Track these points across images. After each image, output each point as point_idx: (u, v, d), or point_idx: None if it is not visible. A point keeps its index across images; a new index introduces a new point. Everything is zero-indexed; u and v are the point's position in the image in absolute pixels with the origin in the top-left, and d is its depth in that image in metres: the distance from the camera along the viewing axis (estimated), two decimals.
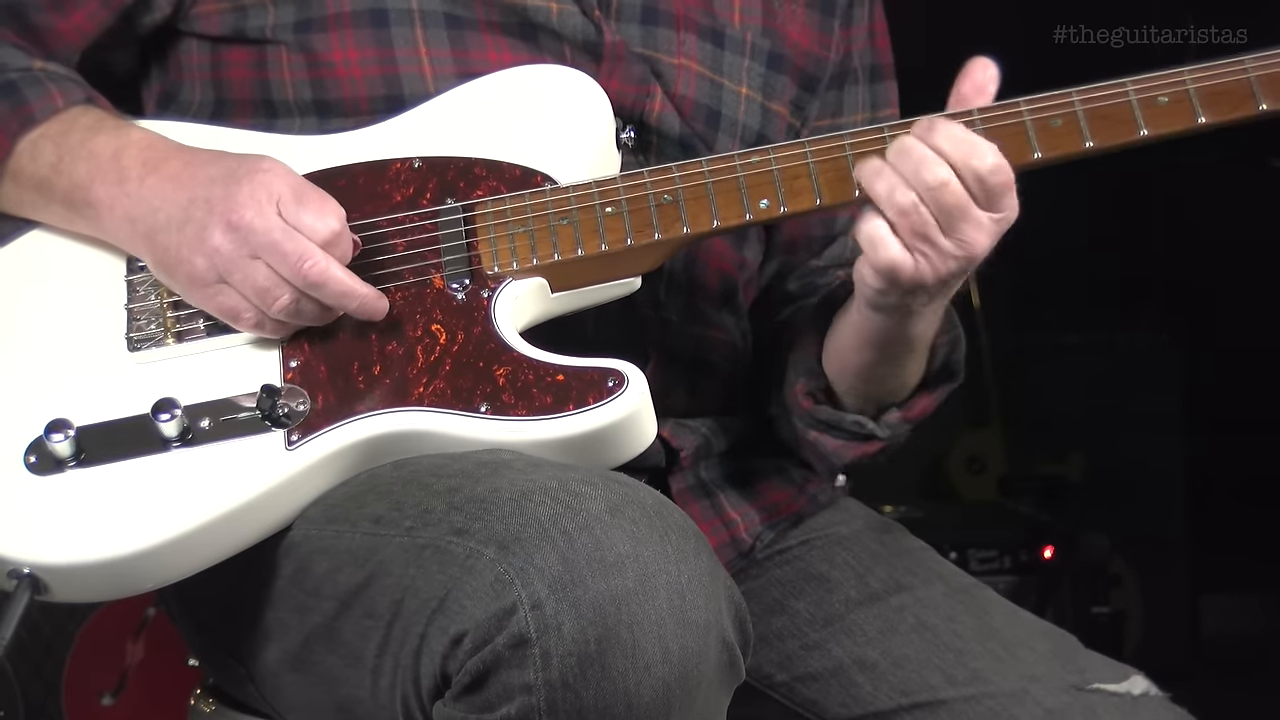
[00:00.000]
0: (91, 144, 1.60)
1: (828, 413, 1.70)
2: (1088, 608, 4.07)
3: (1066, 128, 1.54)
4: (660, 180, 1.60)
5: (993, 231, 1.50)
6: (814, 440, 1.73)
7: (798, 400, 1.72)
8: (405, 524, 1.45)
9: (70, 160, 1.60)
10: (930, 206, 1.48)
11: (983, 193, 1.48)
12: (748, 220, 1.59)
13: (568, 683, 1.31)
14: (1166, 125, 1.54)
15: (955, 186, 1.47)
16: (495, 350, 1.54)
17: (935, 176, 1.47)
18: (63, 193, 1.61)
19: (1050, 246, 4.12)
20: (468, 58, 1.70)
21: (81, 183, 1.59)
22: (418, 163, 1.64)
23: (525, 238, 1.59)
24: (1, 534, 1.50)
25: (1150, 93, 1.54)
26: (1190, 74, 1.54)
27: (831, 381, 1.70)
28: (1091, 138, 1.54)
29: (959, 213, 1.48)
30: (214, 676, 1.84)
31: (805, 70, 1.86)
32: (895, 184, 1.48)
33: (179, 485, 1.51)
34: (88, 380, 1.57)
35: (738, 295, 1.85)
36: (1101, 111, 1.54)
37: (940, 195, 1.47)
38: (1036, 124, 1.53)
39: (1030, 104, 1.54)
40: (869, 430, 1.69)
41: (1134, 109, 1.53)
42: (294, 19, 1.70)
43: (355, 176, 1.64)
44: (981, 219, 1.49)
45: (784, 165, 1.57)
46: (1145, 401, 4.58)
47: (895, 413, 1.70)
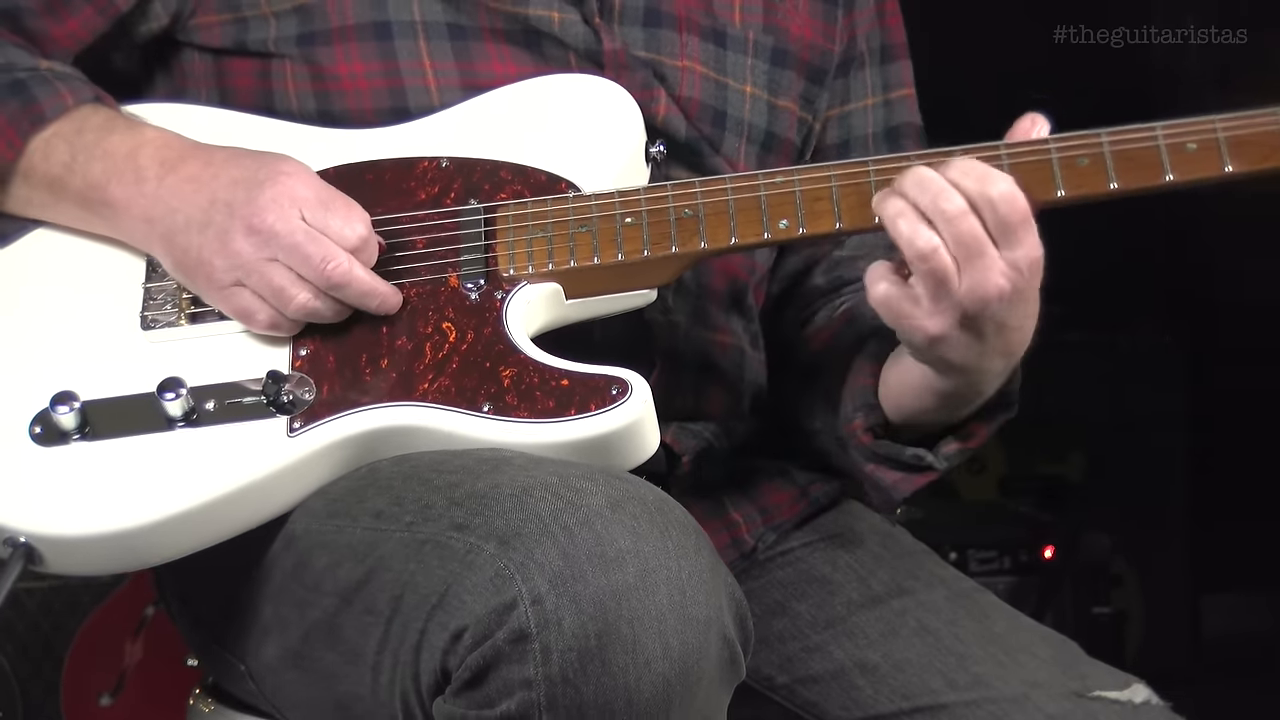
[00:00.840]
0: (106, 143, 1.59)
1: (888, 447, 1.68)
2: (1088, 608, 4.07)
3: (1092, 167, 1.52)
4: (682, 195, 1.59)
5: (1007, 274, 1.47)
6: (871, 473, 1.70)
7: (857, 435, 1.69)
8: (405, 519, 1.45)
9: (85, 159, 1.59)
10: (949, 243, 1.46)
11: (996, 223, 1.46)
12: (765, 240, 1.58)
13: (568, 678, 1.31)
14: (1193, 172, 1.52)
15: (972, 218, 1.46)
16: (503, 351, 1.54)
17: (954, 205, 1.46)
18: (76, 192, 1.61)
19: (1051, 246, 4.13)
20: (472, 68, 1.70)
21: (97, 182, 1.59)
22: (445, 162, 1.65)
23: (543, 243, 1.59)
24: (1, 501, 1.51)
25: (1179, 138, 1.53)
26: (1221, 122, 1.52)
27: (889, 414, 1.68)
28: (1117, 179, 1.52)
29: (976, 246, 1.46)
30: (213, 674, 1.84)
31: (811, 63, 1.85)
32: (917, 226, 1.47)
33: (180, 465, 1.52)
34: (99, 355, 1.58)
35: (746, 298, 1.85)
36: (1129, 154, 1.52)
37: (958, 226, 1.46)
38: (1063, 161, 1.52)
39: (1058, 142, 1.53)
40: (928, 463, 1.67)
41: (1161, 154, 1.52)
42: (296, 32, 1.70)
43: (383, 172, 1.65)
44: (994, 257, 1.47)
45: (806, 187, 1.57)
46: (1146, 401, 4.57)
47: (954, 444, 1.67)
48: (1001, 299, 1.48)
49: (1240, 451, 4.48)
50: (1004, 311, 1.50)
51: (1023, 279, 1.49)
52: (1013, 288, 1.48)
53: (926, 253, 1.47)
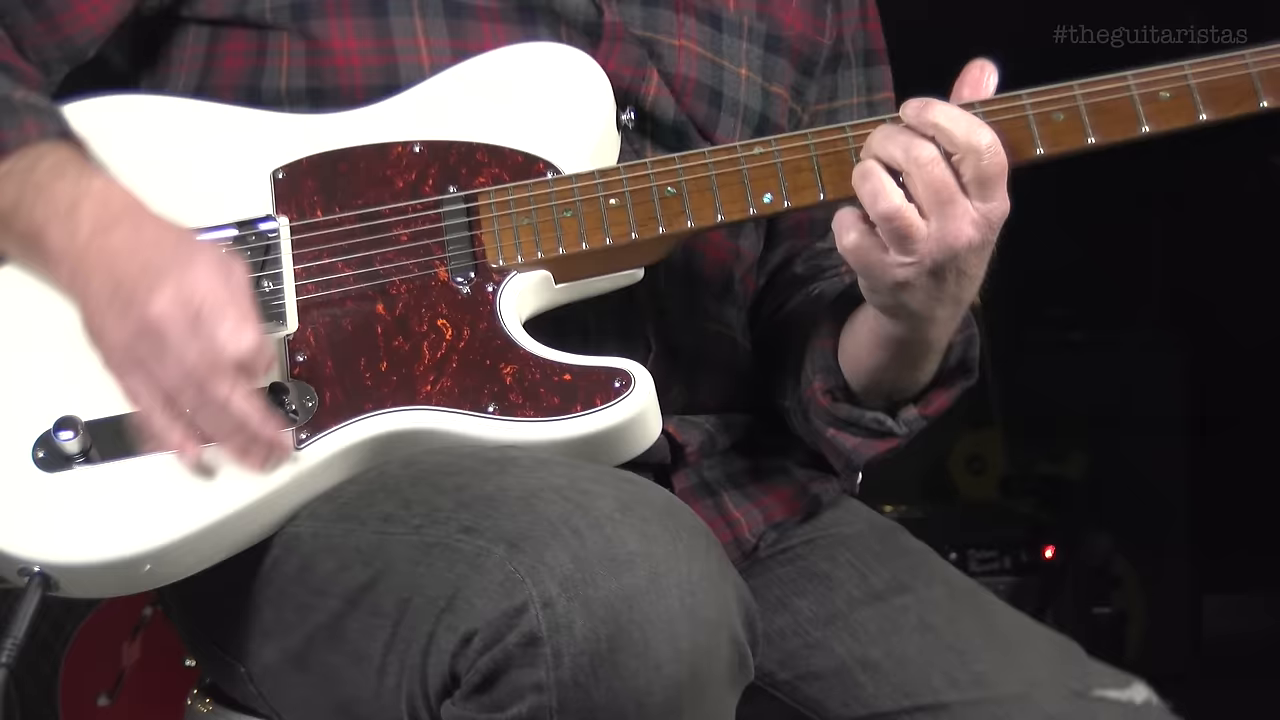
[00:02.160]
0: (52, 189, 1.57)
1: (847, 410, 1.69)
2: (1089, 608, 4.07)
3: (1069, 122, 1.53)
4: (663, 172, 1.59)
5: (978, 223, 1.48)
6: (832, 437, 1.71)
7: (816, 397, 1.70)
8: (414, 522, 1.44)
9: (30, 202, 1.57)
10: (919, 189, 1.47)
11: (976, 173, 1.47)
12: (751, 214, 1.58)
13: (579, 681, 1.30)
14: (1168, 121, 1.53)
15: (943, 166, 1.46)
16: (502, 347, 1.54)
17: (926, 153, 1.46)
18: (19, 233, 1.59)
19: (1052, 245, 4.13)
20: (466, 46, 1.68)
21: (37, 228, 1.57)
22: (418, 147, 1.63)
23: (529, 230, 1.59)
24: (12, 532, 1.50)
25: (1152, 87, 1.53)
26: (1192, 68, 1.53)
27: (848, 378, 1.69)
28: (1094, 133, 1.53)
29: (947, 194, 1.47)
30: (212, 675, 1.83)
31: (802, 53, 1.85)
32: (880, 187, 1.47)
33: (187, 485, 1.50)
34: (97, 373, 1.55)
35: (735, 286, 1.84)
36: (1103, 106, 1.53)
37: (930, 172, 1.46)
38: (1039, 117, 1.53)
39: (1033, 96, 1.53)
40: (888, 428, 1.68)
41: (1135, 103, 1.53)
42: (291, 1, 1.68)
43: (356, 161, 1.63)
44: (966, 205, 1.47)
45: (787, 158, 1.57)
46: (1147, 401, 4.58)
47: (913, 409, 1.68)
48: (970, 248, 1.49)
49: (1241, 452, 4.48)
50: (967, 260, 1.51)
51: (991, 231, 1.50)
52: (981, 238, 1.49)
53: (889, 214, 1.47)
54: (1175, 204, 4.77)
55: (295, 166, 1.64)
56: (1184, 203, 4.70)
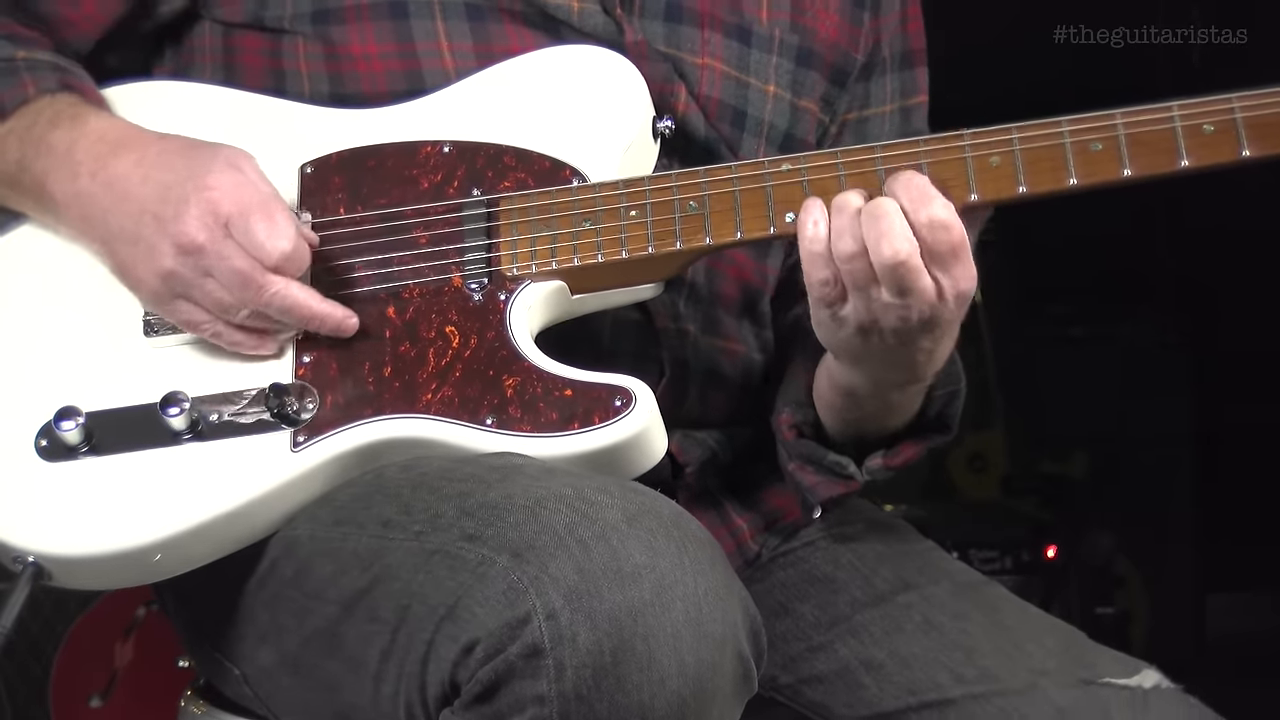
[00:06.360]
0: (50, 137, 1.58)
1: (809, 447, 1.67)
2: (1092, 608, 4.08)
3: (1105, 153, 1.49)
4: (687, 185, 1.57)
5: (898, 310, 1.46)
6: (793, 471, 1.70)
7: (781, 430, 1.70)
8: (414, 528, 1.43)
9: (32, 155, 1.59)
10: (842, 275, 1.46)
11: (927, 248, 1.45)
12: (771, 234, 1.56)
13: (581, 695, 1.29)
14: (1209, 157, 1.48)
15: (860, 262, 1.44)
16: (507, 358, 1.53)
17: (845, 248, 1.45)
18: (27, 189, 1.60)
19: (1054, 244, 4.12)
20: (490, 50, 1.67)
21: (40, 179, 1.58)
22: (447, 147, 1.63)
23: (547, 240, 1.57)
24: (10, 521, 1.51)
25: (1195, 119, 1.49)
26: (1239, 101, 1.48)
27: (820, 413, 1.68)
28: (1130, 165, 1.49)
29: (862, 283, 1.45)
30: (207, 676, 1.82)
31: (835, 65, 1.83)
32: (814, 261, 1.47)
33: (185, 481, 1.51)
34: (100, 362, 1.57)
35: (759, 305, 1.84)
36: (1143, 138, 1.49)
37: (850, 266, 1.45)
38: (1075, 147, 1.49)
39: (1072, 124, 1.50)
40: (849, 473, 1.66)
41: (1177, 136, 1.48)
42: (311, 9, 1.68)
43: (385, 157, 1.63)
44: (876, 296, 1.46)
45: (814, 177, 1.54)
46: (1149, 400, 4.58)
47: (878, 459, 1.67)
48: (894, 329, 1.48)
49: (1244, 449, 4.49)
50: (906, 334, 1.49)
51: (948, 309, 1.49)
52: (929, 316, 1.47)
53: (815, 284, 1.48)
54: (1178, 200, 4.76)
55: (324, 162, 1.64)
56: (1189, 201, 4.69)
